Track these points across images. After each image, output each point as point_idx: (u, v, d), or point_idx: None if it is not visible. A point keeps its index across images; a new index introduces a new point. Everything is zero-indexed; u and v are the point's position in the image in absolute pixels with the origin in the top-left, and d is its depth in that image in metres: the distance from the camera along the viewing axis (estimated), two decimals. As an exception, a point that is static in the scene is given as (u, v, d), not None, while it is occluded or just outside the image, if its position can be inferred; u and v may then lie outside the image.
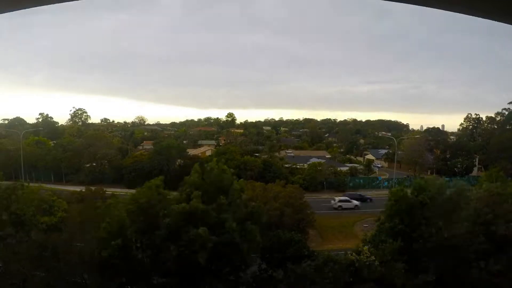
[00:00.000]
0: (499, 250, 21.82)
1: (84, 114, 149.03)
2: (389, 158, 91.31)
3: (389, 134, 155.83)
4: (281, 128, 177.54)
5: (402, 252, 22.35)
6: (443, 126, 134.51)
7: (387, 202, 25.53)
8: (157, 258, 22.34)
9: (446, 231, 23.39)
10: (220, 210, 21.31)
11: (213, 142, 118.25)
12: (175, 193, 23.45)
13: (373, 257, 21.35)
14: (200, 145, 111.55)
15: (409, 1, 3.34)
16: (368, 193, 62.26)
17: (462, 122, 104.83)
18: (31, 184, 49.32)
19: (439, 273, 22.35)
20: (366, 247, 22.51)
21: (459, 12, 3.52)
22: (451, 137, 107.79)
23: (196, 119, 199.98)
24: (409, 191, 25.17)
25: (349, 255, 22.32)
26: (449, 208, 24.49)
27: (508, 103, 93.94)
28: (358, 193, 59.20)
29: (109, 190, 40.04)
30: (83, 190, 39.51)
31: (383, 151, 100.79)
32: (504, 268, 21.07)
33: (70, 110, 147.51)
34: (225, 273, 22.77)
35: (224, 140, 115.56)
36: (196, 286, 20.48)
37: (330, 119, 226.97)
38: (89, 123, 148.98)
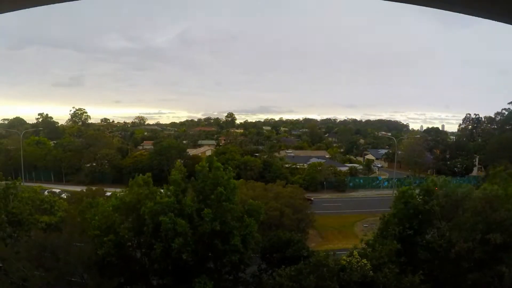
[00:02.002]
0: (497, 258, 21.45)
1: (84, 114, 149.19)
2: (389, 158, 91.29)
3: (389, 134, 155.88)
4: (281, 128, 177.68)
5: (399, 254, 22.04)
6: (442, 126, 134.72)
7: (394, 204, 24.83)
8: (150, 257, 22.26)
9: (449, 236, 23.05)
10: (217, 205, 21.13)
11: (213, 142, 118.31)
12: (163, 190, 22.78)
13: (364, 260, 20.94)
14: (200, 145, 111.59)
15: (409, 1, 3.33)
16: (367, 193, 62.33)
17: (461, 122, 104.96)
18: (31, 184, 49.73)
19: (435, 278, 22.10)
20: (355, 251, 22.08)
21: (459, 12, 3.51)
22: (451, 137, 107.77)
23: (196, 119, 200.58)
24: (415, 193, 24.53)
25: (342, 258, 21.85)
26: (455, 213, 24.12)
27: (508, 103, 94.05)
28: None
29: (109, 190, 40.00)
30: (83, 190, 39.52)
31: (383, 151, 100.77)
32: (502, 276, 20.77)
33: (70, 110, 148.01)
34: (224, 272, 22.70)
35: (224, 140, 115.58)
36: (193, 286, 20.36)
37: (330, 119, 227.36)
38: (89, 123, 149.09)
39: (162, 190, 22.46)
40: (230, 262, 21.32)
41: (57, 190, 50.79)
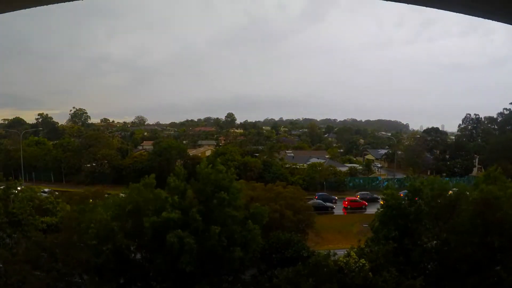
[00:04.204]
0: (496, 261, 21.30)
1: (84, 114, 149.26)
2: (389, 158, 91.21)
3: (389, 134, 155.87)
4: (281, 128, 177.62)
5: (396, 254, 21.90)
6: (442, 126, 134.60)
7: (380, 208, 24.75)
8: (150, 260, 21.97)
9: (442, 236, 22.92)
10: (219, 208, 20.84)
11: (213, 142, 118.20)
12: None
13: (362, 260, 20.73)
14: (200, 145, 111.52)
15: (409, 1, 3.33)
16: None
17: (461, 122, 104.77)
18: (30, 185, 49.58)
19: (433, 279, 21.95)
20: (353, 252, 21.86)
21: (459, 12, 3.51)
22: (451, 137, 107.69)
23: (196, 119, 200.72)
24: (402, 194, 24.35)
25: (340, 258, 21.58)
26: (446, 213, 23.97)
27: (509, 103, 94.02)
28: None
29: (109, 191, 39.94)
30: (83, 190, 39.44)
31: (383, 151, 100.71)
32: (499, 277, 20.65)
33: (70, 110, 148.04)
34: (223, 274, 22.55)
35: (224, 140, 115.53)
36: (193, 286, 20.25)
37: (330, 119, 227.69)
38: (89, 123, 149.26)
39: (166, 196, 21.36)
40: (230, 268, 21.18)
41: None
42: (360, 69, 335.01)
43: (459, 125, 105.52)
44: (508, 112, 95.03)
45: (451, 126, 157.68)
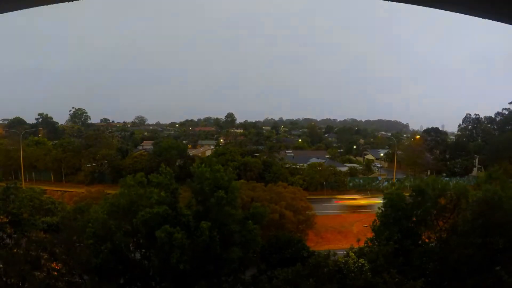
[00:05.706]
0: (497, 262, 21.19)
1: (84, 114, 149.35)
2: (389, 158, 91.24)
3: (389, 134, 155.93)
4: (281, 128, 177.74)
5: (396, 255, 21.81)
6: (442, 126, 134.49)
7: (382, 208, 24.65)
8: (148, 259, 21.91)
9: (443, 236, 22.86)
10: (218, 208, 20.72)
11: (213, 142, 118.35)
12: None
13: (362, 260, 20.61)
14: (200, 145, 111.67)
15: (409, 1, 3.32)
16: (367, 193, 62.19)
17: (461, 122, 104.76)
18: (30, 185, 49.62)
19: (434, 280, 21.89)
20: (352, 252, 21.74)
21: (459, 12, 3.50)
22: (451, 137, 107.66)
23: (196, 119, 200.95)
24: (406, 194, 24.25)
25: (339, 258, 21.43)
26: (446, 213, 23.88)
27: (508, 103, 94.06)
28: None
29: (109, 191, 39.99)
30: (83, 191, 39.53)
31: (383, 151, 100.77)
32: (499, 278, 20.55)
33: (70, 111, 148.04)
34: (223, 274, 22.52)
35: (224, 140, 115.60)
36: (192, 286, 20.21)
37: (330, 119, 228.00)
38: (89, 123, 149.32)
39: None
40: (230, 268, 21.13)
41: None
42: (360, 69, 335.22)
43: (459, 125, 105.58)
44: (507, 112, 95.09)
45: (451, 126, 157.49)
